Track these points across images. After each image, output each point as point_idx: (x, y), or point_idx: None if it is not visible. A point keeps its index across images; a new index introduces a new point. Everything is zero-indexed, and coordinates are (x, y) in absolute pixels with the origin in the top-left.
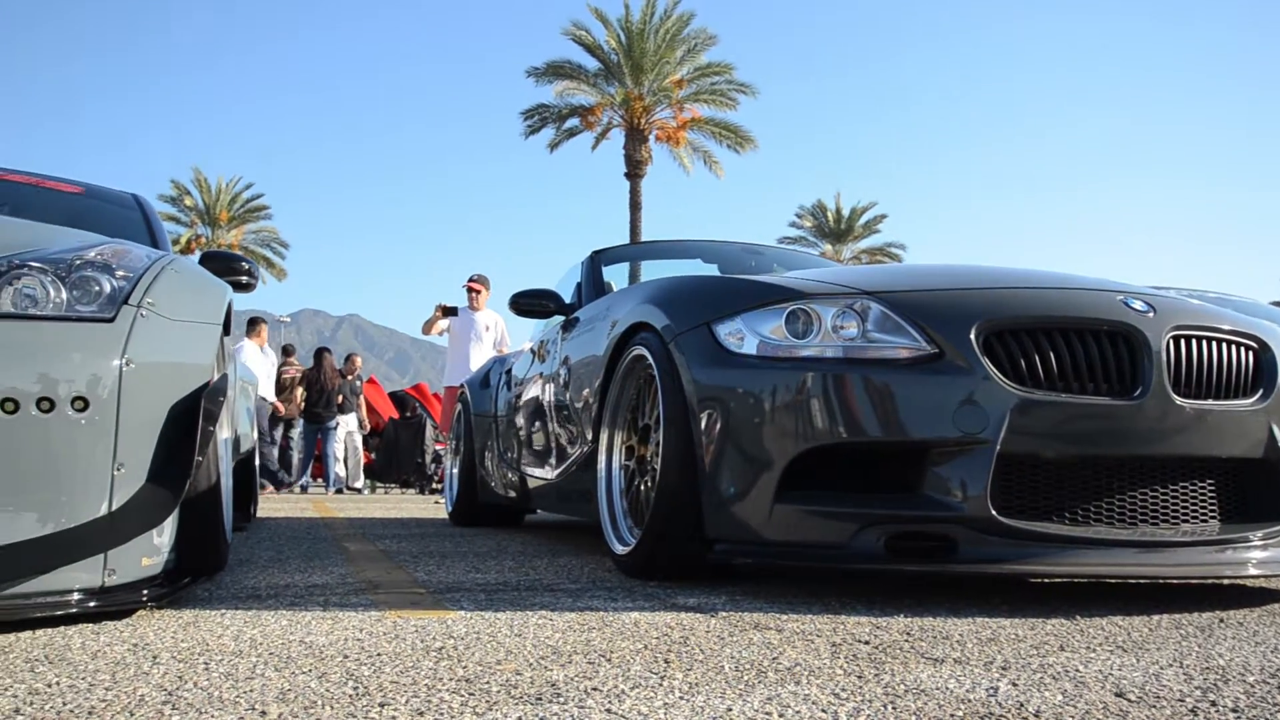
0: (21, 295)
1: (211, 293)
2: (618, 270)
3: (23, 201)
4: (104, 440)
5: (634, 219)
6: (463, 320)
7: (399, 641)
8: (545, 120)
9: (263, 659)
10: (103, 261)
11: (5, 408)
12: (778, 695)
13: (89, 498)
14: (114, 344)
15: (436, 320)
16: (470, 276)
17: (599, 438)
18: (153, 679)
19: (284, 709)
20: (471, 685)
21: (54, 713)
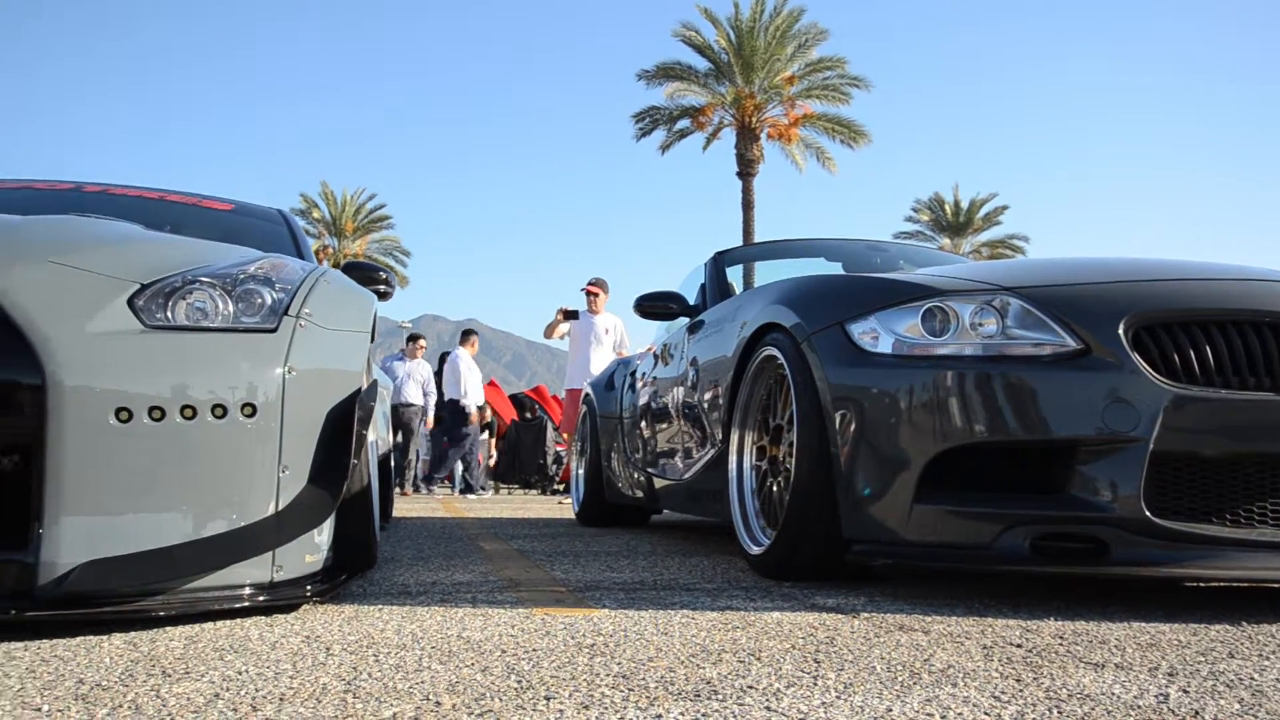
0: (193, 309)
1: (360, 302)
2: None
3: (180, 220)
4: (270, 444)
5: (747, 218)
6: (582, 324)
7: (550, 638)
8: (656, 122)
9: (426, 652)
10: (263, 275)
11: (184, 414)
12: (935, 697)
13: (258, 498)
14: (277, 353)
15: (558, 324)
16: (589, 280)
17: (729, 438)
18: (330, 669)
19: (455, 700)
20: (629, 681)
21: (248, 698)
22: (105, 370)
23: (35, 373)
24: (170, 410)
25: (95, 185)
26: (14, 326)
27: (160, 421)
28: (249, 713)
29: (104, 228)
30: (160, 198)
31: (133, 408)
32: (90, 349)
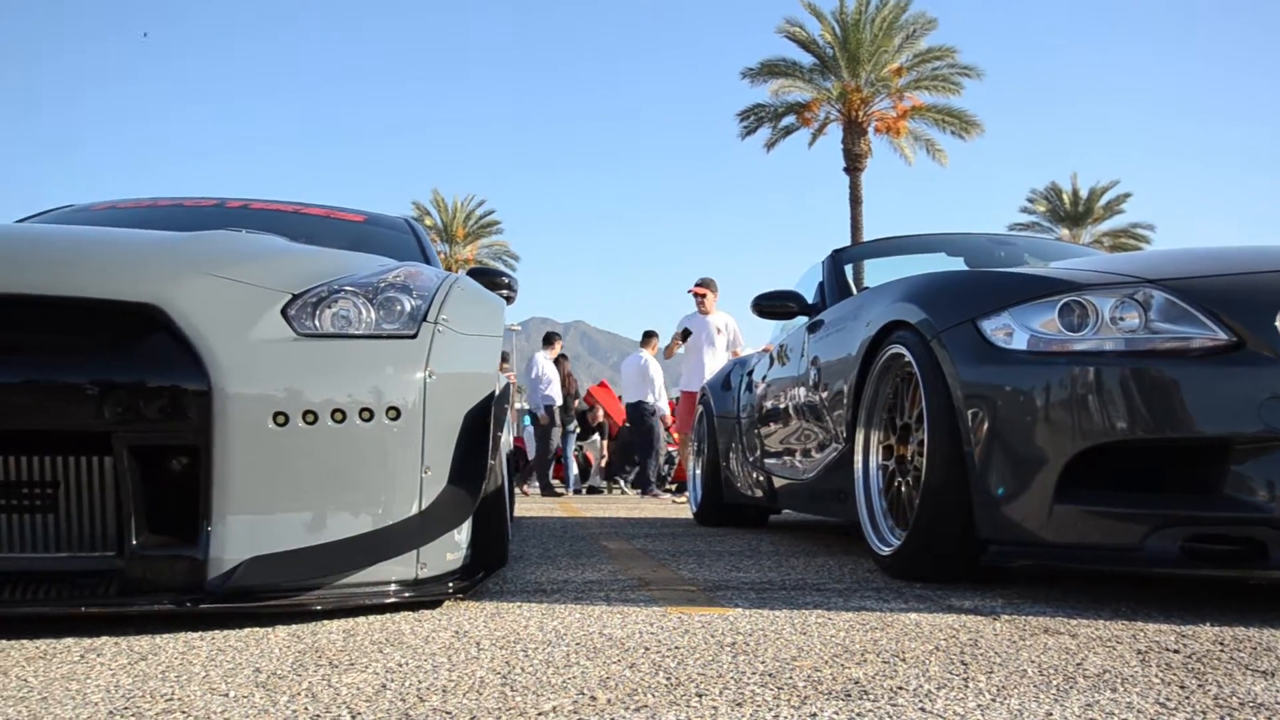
0: (338, 317)
1: (492, 307)
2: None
3: (314, 231)
4: (413, 446)
5: (854, 214)
6: (694, 326)
7: (690, 636)
8: (761, 120)
9: (572, 649)
10: (402, 283)
11: (334, 417)
12: (1095, 701)
13: (403, 498)
14: (418, 358)
15: (676, 346)
16: (696, 282)
17: (854, 438)
18: (484, 663)
19: (610, 694)
20: (776, 680)
21: (413, 689)
22: (263, 377)
23: (202, 380)
24: (322, 414)
25: (237, 201)
26: (182, 337)
27: (313, 425)
28: (416, 703)
29: (254, 241)
30: (295, 210)
31: (288, 412)
32: (250, 357)
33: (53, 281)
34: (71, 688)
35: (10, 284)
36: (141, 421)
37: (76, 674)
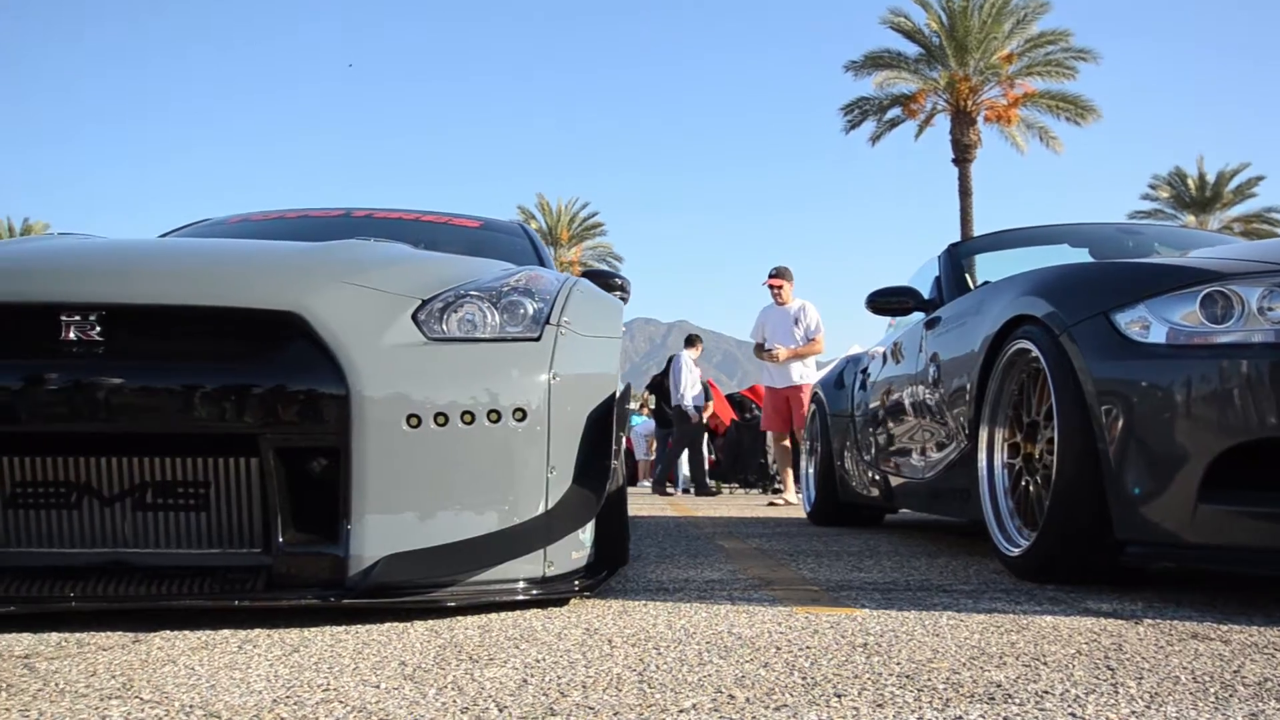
0: (464, 321)
1: (610, 309)
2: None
3: (434, 237)
4: (539, 446)
5: (964, 206)
6: (772, 317)
7: (820, 636)
8: (865, 113)
9: (703, 647)
10: (524, 287)
11: (464, 419)
12: (1260, 711)
13: (530, 498)
14: (542, 360)
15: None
16: (770, 273)
17: (977, 436)
18: (618, 660)
19: (748, 693)
20: (914, 681)
21: (554, 684)
22: (397, 381)
23: (340, 384)
24: (452, 416)
25: (361, 210)
26: (321, 343)
27: (444, 427)
28: (558, 698)
29: (384, 249)
30: (416, 218)
31: (421, 414)
32: (384, 361)
33: (201, 292)
34: (235, 676)
35: (164, 295)
36: (285, 424)
37: (237, 664)
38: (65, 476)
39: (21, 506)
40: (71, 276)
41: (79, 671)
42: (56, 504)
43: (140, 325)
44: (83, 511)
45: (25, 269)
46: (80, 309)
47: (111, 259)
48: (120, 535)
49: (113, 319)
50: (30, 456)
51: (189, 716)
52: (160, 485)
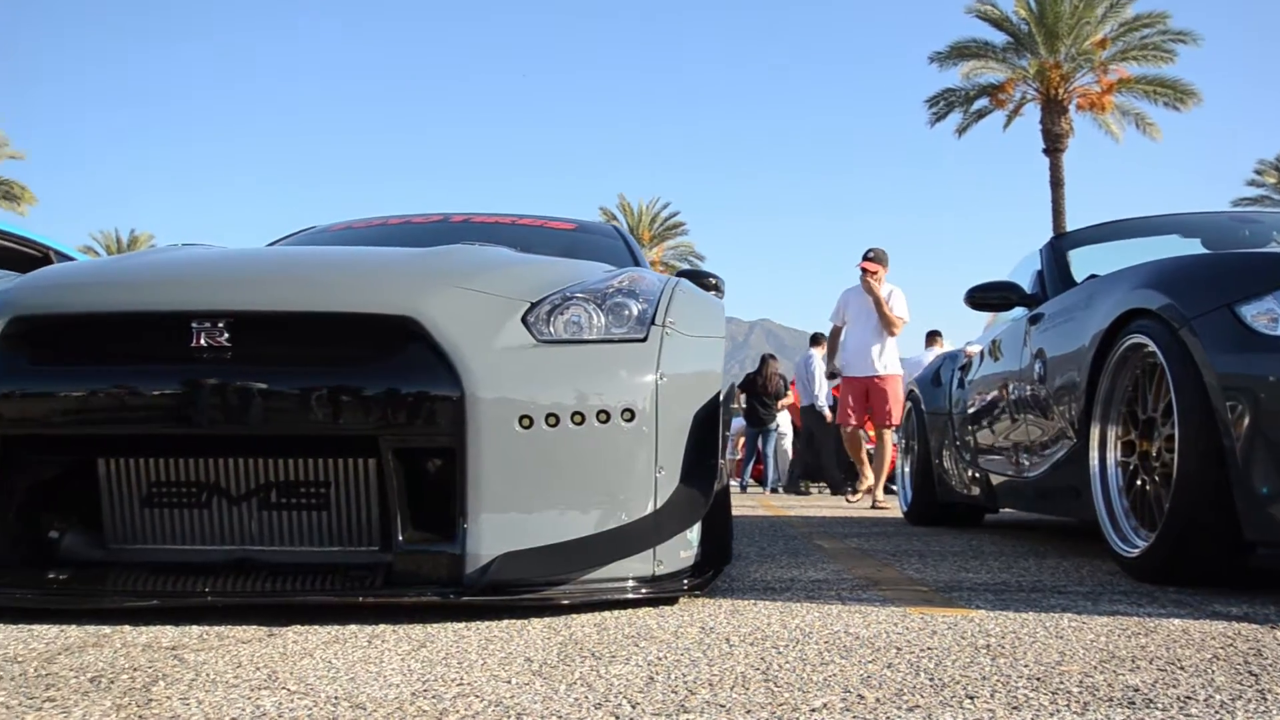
0: (570, 323)
1: (713, 309)
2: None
3: (530, 240)
4: (647, 446)
5: (1056, 197)
6: (855, 300)
7: (939, 637)
8: (951, 105)
9: (823, 647)
10: (628, 288)
11: (574, 419)
12: None
13: (639, 497)
14: (649, 361)
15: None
16: (865, 254)
17: (1088, 433)
18: (739, 659)
19: (877, 694)
20: (1045, 684)
21: (680, 682)
22: (509, 382)
23: (455, 386)
24: (563, 417)
25: (459, 215)
26: (436, 346)
27: (555, 427)
28: (687, 695)
29: (491, 254)
30: (513, 222)
31: (533, 415)
32: (496, 363)
33: (321, 298)
34: (371, 670)
35: (287, 302)
36: (403, 426)
37: (370, 658)
38: (196, 477)
39: (156, 505)
40: (201, 286)
41: (225, 663)
42: (188, 503)
43: (265, 331)
44: (212, 510)
45: (158, 280)
46: (209, 316)
47: (237, 268)
48: (247, 533)
49: (239, 325)
50: (164, 458)
51: (335, 707)
52: (284, 485)
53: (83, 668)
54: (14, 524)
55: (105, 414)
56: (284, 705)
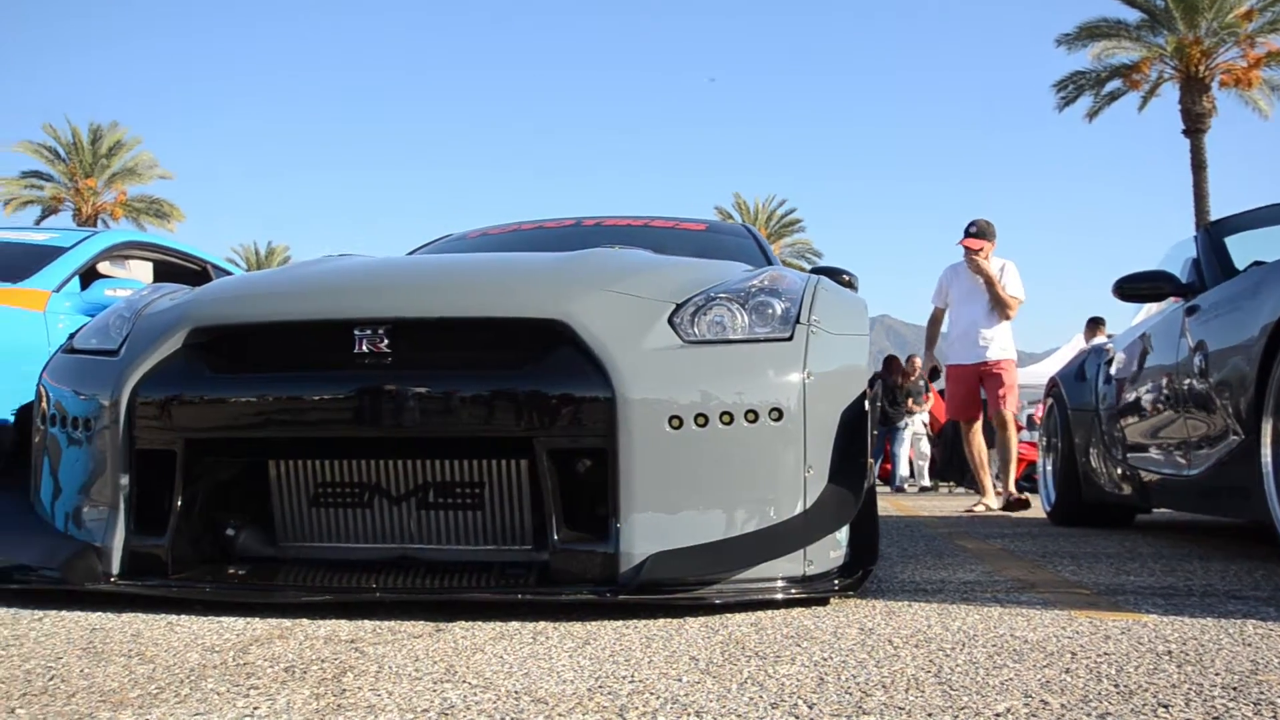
0: (713, 323)
1: (856, 306)
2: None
3: (663, 242)
4: (795, 446)
5: (1197, 181)
6: (960, 279)
7: (1114, 642)
8: (1081, 88)
9: (992, 650)
10: (770, 287)
11: (723, 419)
12: None
13: (788, 497)
14: (795, 359)
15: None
16: (969, 229)
17: (1259, 429)
18: (906, 661)
19: (1061, 699)
20: (1243, 694)
21: (852, 683)
22: (659, 383)
23: (606, 388)
24: (711, 417)
25: (591, 219)
26: (586, 349)
27: (704, 427)
28: (862, 697)
29: (633, 256)
30: (644, 224)
31: (682, 415)
32: (645, 365)
33: (475, 304)
34: (543, 666)
35: (443, 308)
36: (556, 427)
37: (538, 654)
38: (359, 478)
39: (323, 505)
40: (362, 294)
41: (403, 657)
42: (351, 503)
43: (423, 337)
44: (374, 510)
45: (322, 289)
46: (370, 323)
47: (395, 277)
48: (407, 532)
49: (398, 332)
50: (329, 460)
51: (518, 701)
52: (440, 486)
53: (275, 658)
54: (196, 522)
55: (275, 418)
56: (469, 698)
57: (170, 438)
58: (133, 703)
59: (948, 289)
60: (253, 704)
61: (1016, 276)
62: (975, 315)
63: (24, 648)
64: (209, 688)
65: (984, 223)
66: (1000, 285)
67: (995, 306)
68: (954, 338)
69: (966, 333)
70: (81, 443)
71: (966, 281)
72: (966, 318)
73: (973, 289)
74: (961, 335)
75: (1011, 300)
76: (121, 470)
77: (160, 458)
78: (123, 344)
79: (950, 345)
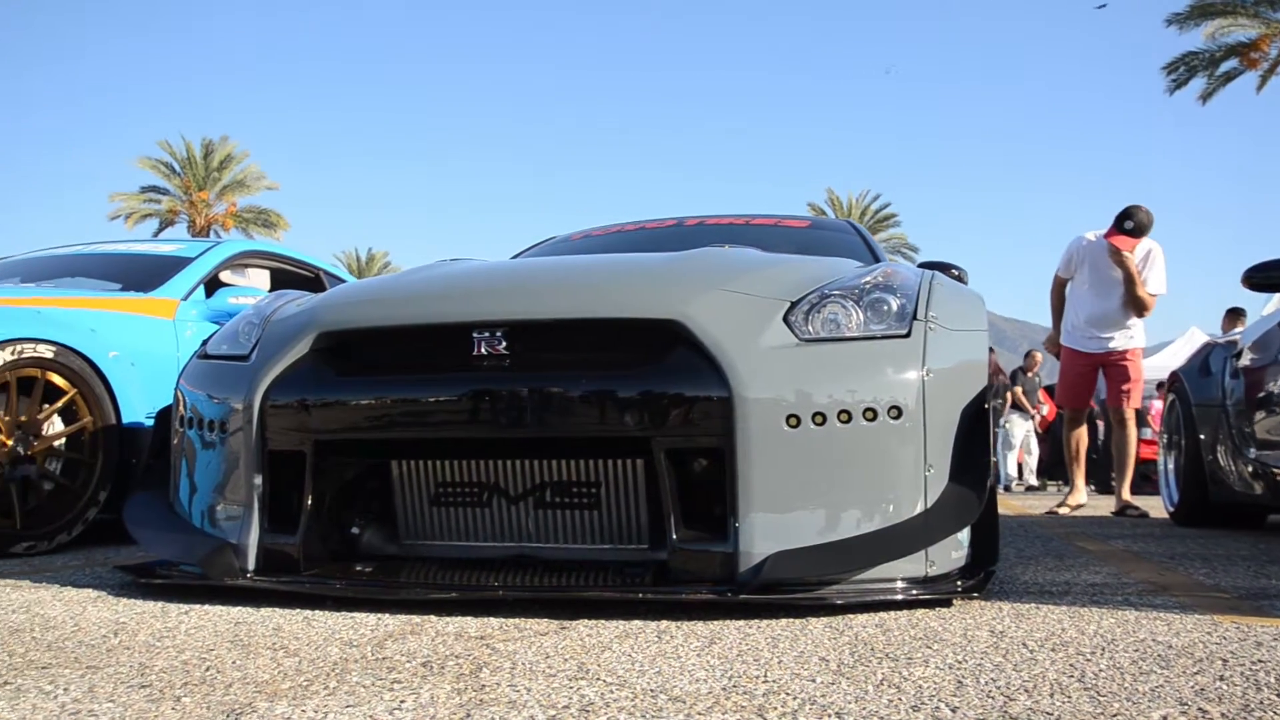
0: (828, 321)
1: (973, 301)
2: None
3: (765, 239)
4: (915, 444)
5: None
6: (1093, 255)
7: (1267, 649)
8: (1193, 69)
9: (1134, 655)
10: (885, 283)
11: (841, 418)
12: None
13: (909, 497)
14: (914, 357)
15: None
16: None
17: None
18: (1045, 665)
19: (1220, 708)
20: None
21: (993, 687)
22: (775, 382)
23: (723, 387)
24: (829, 415)
25: (692, 218)
26: (702, 348)
27: (822, 426)
28: (1006, 701)
29: (744, 254)
30: (746, 222)
31: (800, 414)
32: (762, 364)
33: (590, 305)
34: (673, 664)
35: (559, 310)
36: (674, 427)
37: (665, 653)
38: (477, 478)
39: (442, 504)
40: (479, 298)
41: (533, 653)
42: (470, 502)
43: (540, 338)
44: (492, 509)
45: (441, 293)
46: (489, 326)
47: (510, 280)
48: (524, 531)
49: (516, 334)
50: (449, 460)
51: (655, 699)
52: (557, 485)
53: (410, 653)
54: (324, 521)
55: (398, 419)
56: (606, 696)
57: (300, 439)
58: (286, 694)
59: (1077, 265)
60: (398, 697)
61: (1161, 269)
62: (1107, 305)
63: (177, 639)
64: (354, 681)
65: (1144, 216)
66: (1141, 282)
67: (1129, 304)
68: (1075, 321)
69: (1092, 320)
70: (215, 444)
71: (1103, 267)
72: (1096, 304)
73: (1108, 274)
74: (1088, 322)
75: (1150, 301)
76: (255, 471)
77: (289, 458)
78: (253, 349)
79: (1071, 327)
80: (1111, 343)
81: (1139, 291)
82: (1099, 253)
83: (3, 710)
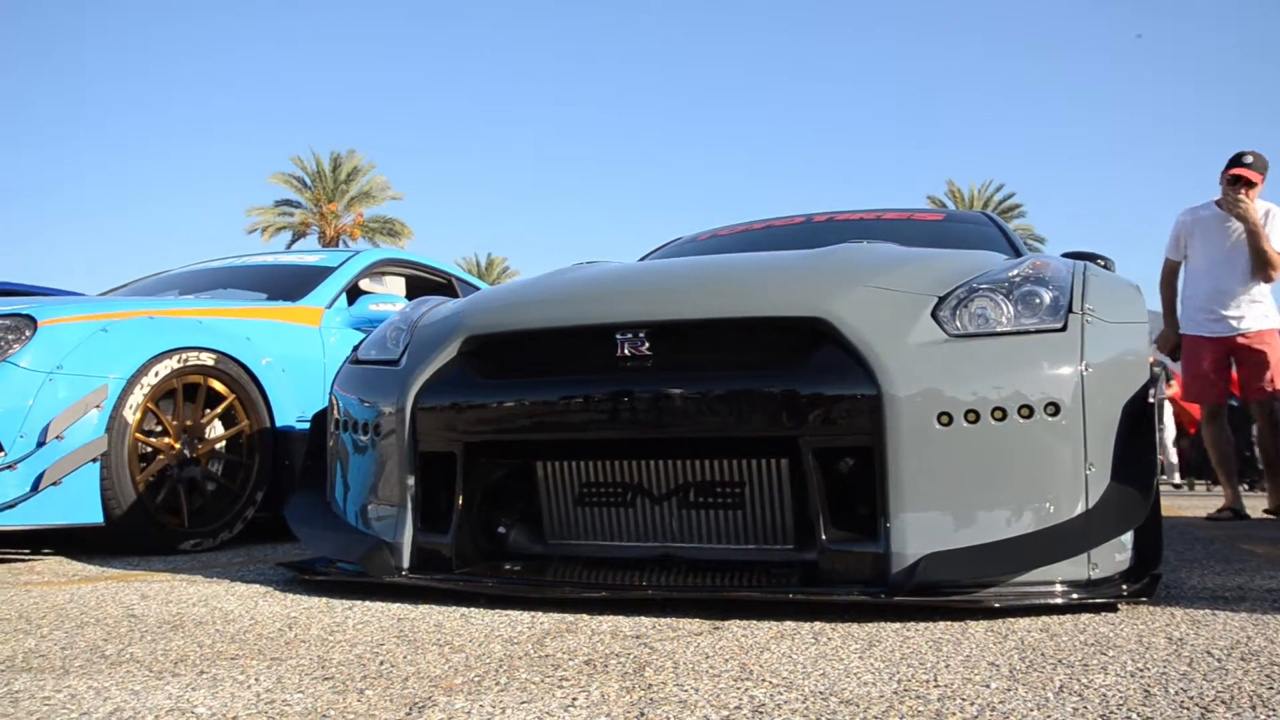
0: (976, 315)
1: (1131, 292)
2: None
3: (901, 233)
4: (1074, 442)
5: None
6: (1204, 227)
7: None
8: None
9: None
10: (1035, 275)
11: (994, 415)
12: None
13: (1069, 497)
14: (1071, 351)
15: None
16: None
17: None
18: (1238, 675)
19: None
20: None
21: (1184, 696)
22: (925, 379)
23: (871, 385)
24: (982, 413)
25: (821, 215)
26: (849, 346)
27: (975, 424)
28: (1203, 713)
29: (886, 250)
30: (877, 217)
31: (951, 412)
32: (910, 361)
33: (733, 305)
34: (837, 667)
35: (702, 310)
36: (821, 426)
37: (826, 654)
38: (621, 478)
39: (588, 504)
40: (623, 299)
41: (691, 654)
42: (614, 502)
43: (682, 339)
44: (636, 509)
45: (583, 295)
46: (631, 327)
47: (651, 281)
48: (668, 531)
49: (658, 335)
50: (593, 460)
51: (825, 702)
52: (701, 485)
53: (571, 651)
54: (474, 520)
55: (543, 421)
56: (775, 698)
57: (450, 440)
58: (461, 689)
59: (1186, 241)
60: (569, 695)
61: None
62: (1226, 275)
63: (347, 634)
64: (523, 677)
65: (1258, 156)
66: (1265, 237)
67: (1255, 263)
68: (1194, 303)
69: (1212, 296)
70: (367, 447)
71: (1215, 233)
72: (1212, 278)
73: (1223, 242)
74: (1206, 300)
75: (1277, 257)
76: (408, 471)
77: (439, 460)
78: (402, 354)
79: (1189, 312)
80: (1242, 323)
81: (1264, 244)
82: (1209, 222)
83: (205, 698)
